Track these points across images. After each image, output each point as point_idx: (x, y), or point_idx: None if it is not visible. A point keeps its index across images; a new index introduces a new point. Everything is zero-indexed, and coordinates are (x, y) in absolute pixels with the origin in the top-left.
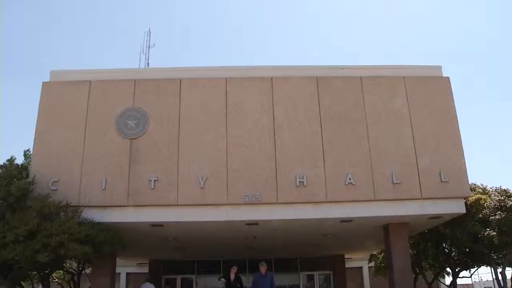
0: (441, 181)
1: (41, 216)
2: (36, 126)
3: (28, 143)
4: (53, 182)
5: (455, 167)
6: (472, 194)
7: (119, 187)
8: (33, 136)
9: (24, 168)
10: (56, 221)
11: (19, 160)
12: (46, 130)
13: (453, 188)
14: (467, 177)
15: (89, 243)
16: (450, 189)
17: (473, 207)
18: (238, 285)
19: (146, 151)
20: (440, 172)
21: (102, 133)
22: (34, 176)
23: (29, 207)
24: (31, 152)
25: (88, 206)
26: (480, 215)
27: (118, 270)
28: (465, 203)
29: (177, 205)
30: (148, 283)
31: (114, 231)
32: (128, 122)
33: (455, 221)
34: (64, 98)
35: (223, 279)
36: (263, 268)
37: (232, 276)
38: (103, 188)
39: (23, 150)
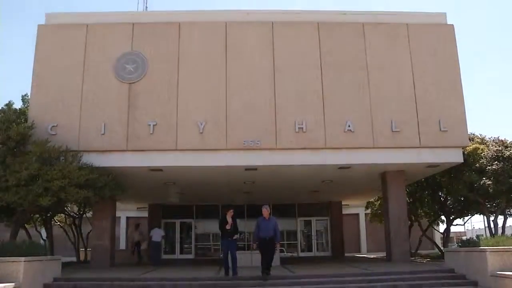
0: (440, 130)
1: (42, 160)
2: (33, 70)
3: (26, 88)
4: (52, 126)
5: (455, 116)
6: (470, 144)
7: (118, 132)
8: (30, 80)
9: (22, 112)
10: (56, 166)
11: (17, 104)
12: (43, 75)
13: (451, 137)
14: (466, 127)
15: (89, 188)
16: (448, 138)
17: (470, 157)
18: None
19: (145, 96)
20: (439, 121)
21: (100, 78)
22: (33, 120)
23: (29, 151)
24: (29, 97)
25: (87, 151)
26: (477, 165)
27: (118, 214)
28: (463, 152)
29: (176, 149)
30: (157, 228)
31: (114, 175)
32: (127, 66)
33: (452, 170)
34: (60, 41)
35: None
36: (266, 211)
37: (230, 220)
38: (102, 132)
39: (21, 95)
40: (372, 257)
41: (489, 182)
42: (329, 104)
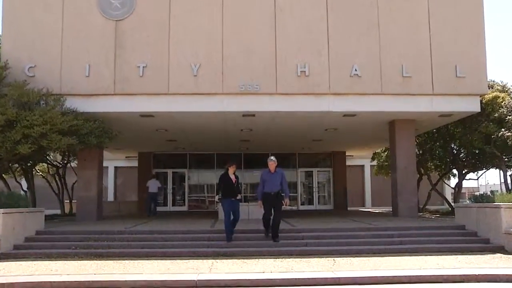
0: (456, 76)
1: (20, 104)
2: (3, 2)
3: None
4: (30, 68)
5: (474, 61)
6: (489, 92)
7: (104, 74)
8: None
9: None
10: (36, 111)
11: None
12: (16, 8)
13: (469, 84)
14: (486, 73)
15: (74, 135)
16: (465, 85)
17: (488, 106)
18: (238, 187)
19: (133, 34)
20: (456, 66)
21: (83, 13)
22: (6, 60)
23: (5, 94)
24: (1, 34)
25: (70, 95)
26: (496, 115)
27: (105, 163)
28: (480, 101)
29: (168, 93)
30: (153, 179)
31: (100, 121)
32: (112, 1)
33: (467, 120)
34: None
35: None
36: (272, 164)
37: (232, 177)
38: (87, 75)
39: None
40: (377, 211)
41: (509, 134)
42: (334, 46)
